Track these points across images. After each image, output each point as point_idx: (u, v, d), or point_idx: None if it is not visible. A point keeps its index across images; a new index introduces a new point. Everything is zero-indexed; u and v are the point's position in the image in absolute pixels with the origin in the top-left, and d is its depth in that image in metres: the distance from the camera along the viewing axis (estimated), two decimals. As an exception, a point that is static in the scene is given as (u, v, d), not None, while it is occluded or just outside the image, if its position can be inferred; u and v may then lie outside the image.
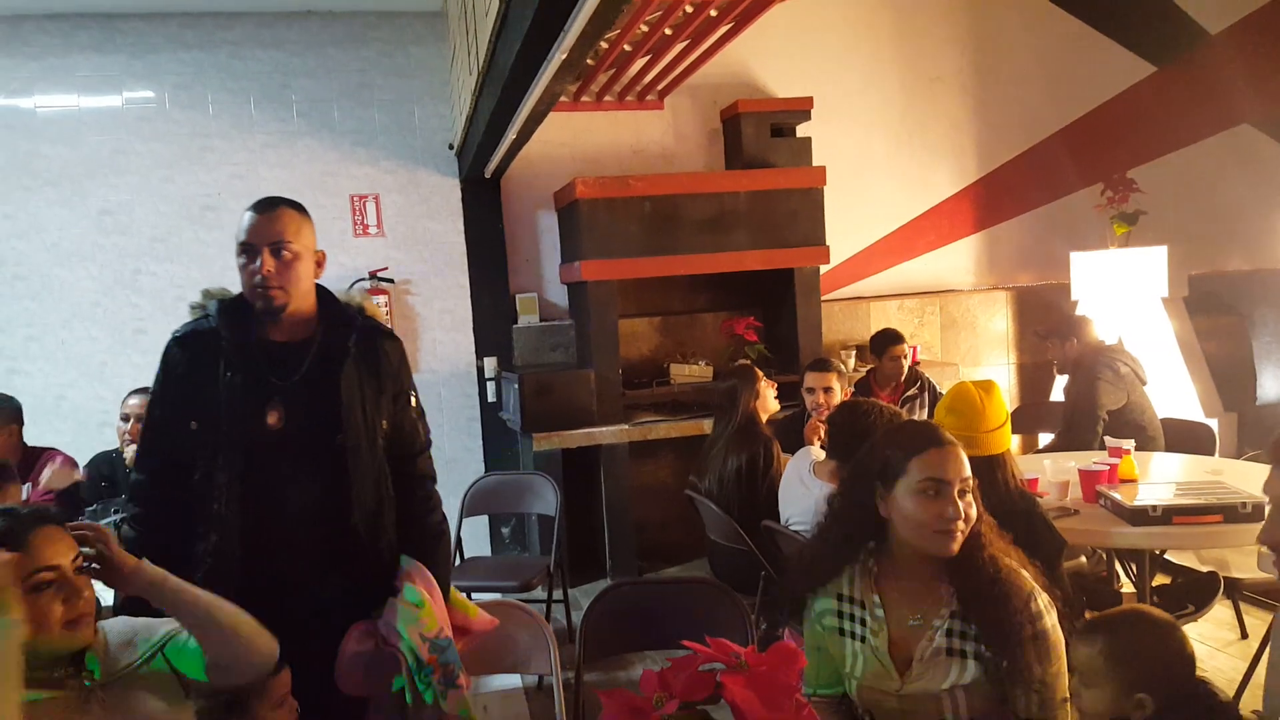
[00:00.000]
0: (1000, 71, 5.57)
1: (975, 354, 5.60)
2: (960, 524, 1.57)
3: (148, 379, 3.55)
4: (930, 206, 5.55)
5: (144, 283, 4.59)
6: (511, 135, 3.87)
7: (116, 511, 2.95)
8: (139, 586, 1.49)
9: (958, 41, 5.52)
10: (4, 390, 3.35)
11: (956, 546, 1.58)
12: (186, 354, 1.89)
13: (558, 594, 3.80)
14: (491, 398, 4.98)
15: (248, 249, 1.83)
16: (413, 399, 2.05)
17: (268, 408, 1.84)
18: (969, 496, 1.60)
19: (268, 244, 1.82)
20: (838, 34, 5.35)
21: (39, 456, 3.22)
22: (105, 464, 3.31)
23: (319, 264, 1.93)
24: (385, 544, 1.93)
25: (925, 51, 5.48)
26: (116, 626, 1.57)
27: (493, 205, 4.96)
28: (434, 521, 2.04)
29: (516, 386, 4.47)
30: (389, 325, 2.11)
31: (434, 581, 1.93)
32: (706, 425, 4.03)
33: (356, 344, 1.91)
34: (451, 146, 4.88)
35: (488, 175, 4.79)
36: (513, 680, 3.42)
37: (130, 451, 3.20)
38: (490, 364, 4.96)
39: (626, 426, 4.44)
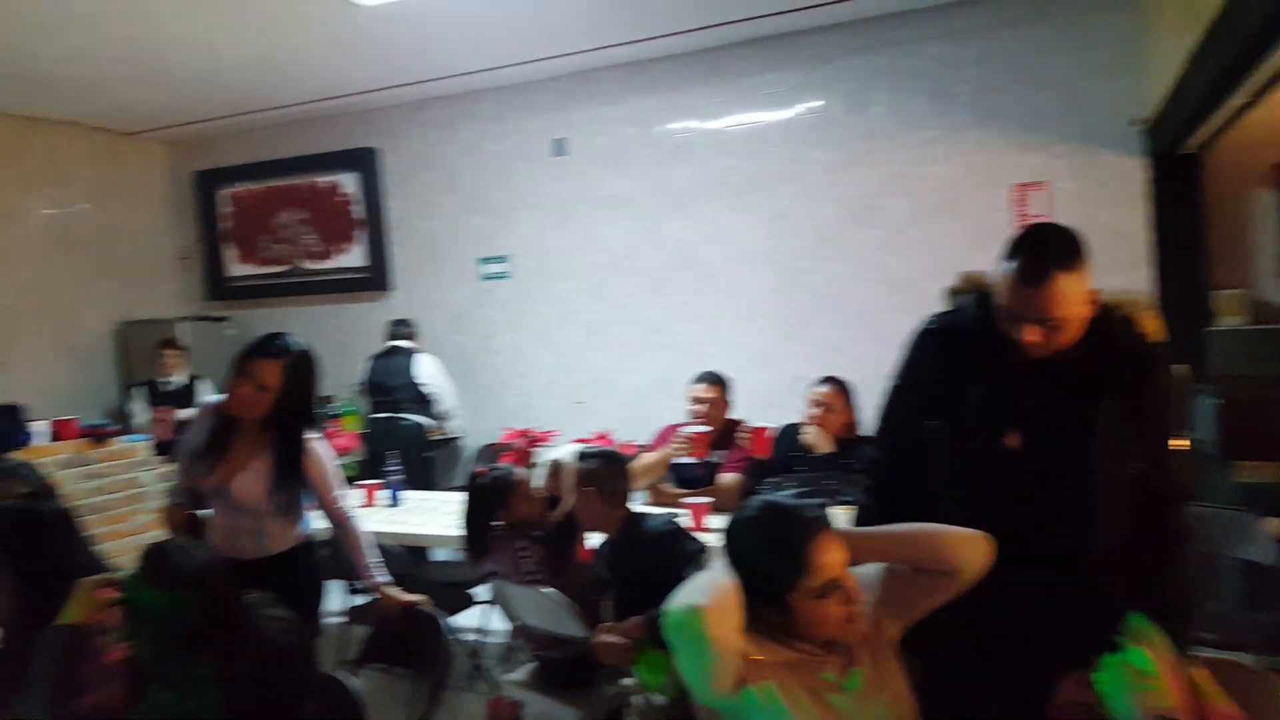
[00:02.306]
0: None
1: None
2: None
3: (810, 369, 3.78)
4: None
5: (808, 281, 4.91)
6: (1238, 100, 3.14)
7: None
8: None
9: None
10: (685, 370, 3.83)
11: None
12: (933, 347, 1.81)
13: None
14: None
15: (1013, 316, 1.64)
16: (1179, 440, 1.70)
17: (1009, 426, 1.67)
18: None
19: (1035, 320, 1.62)
20: None
21: (735, 427, 3.62)
22: (790, 436, 3.56)
23: (1091, 302, 1.67)
24: (1116, 597, 1.61)
25: None
26: None
27: (1188, 186, 4.16)
28: (1180, 590, 1.68)
29: (1214, 402, 3.64)
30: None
31: (1176, 658, 1.54)
32: None
33: (1122, 370, 1.65)
34: (1138, 121, 4.20)
35: (1184, 151, 4.01)
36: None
37: (811, 433, 3.38)
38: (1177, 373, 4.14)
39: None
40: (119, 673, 2.00)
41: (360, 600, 3.74)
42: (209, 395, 5.33)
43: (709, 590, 1.48)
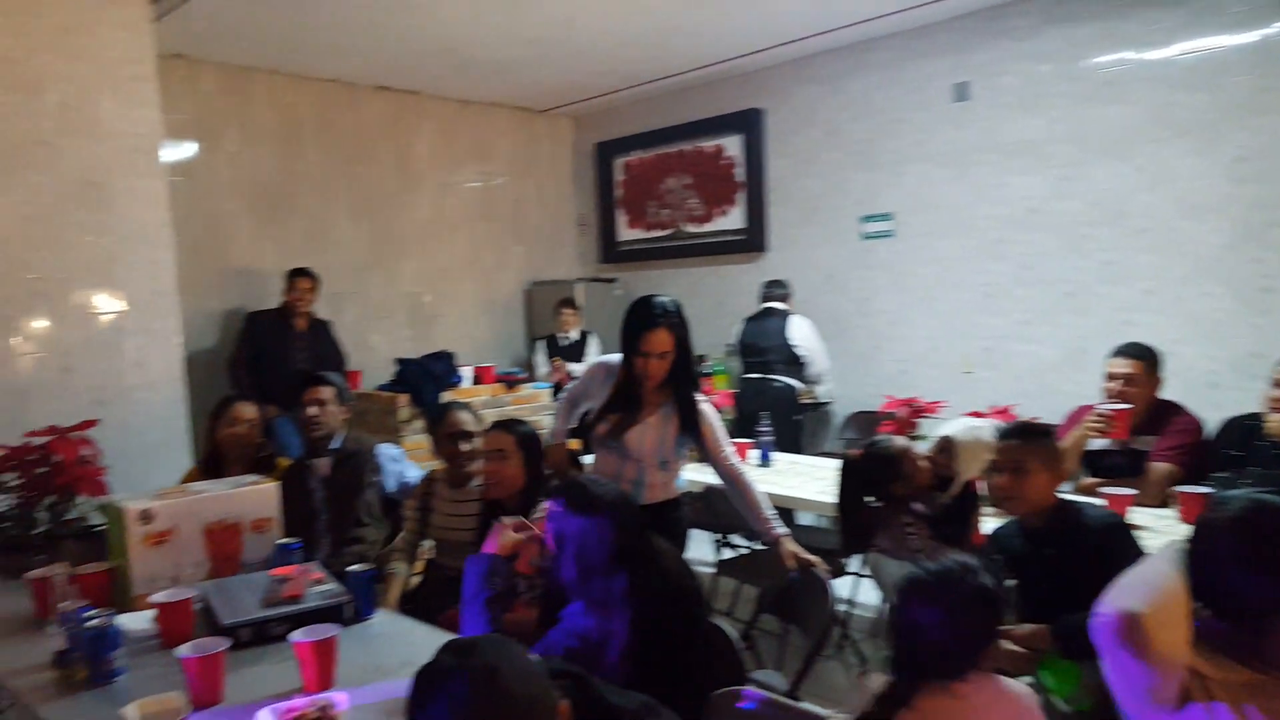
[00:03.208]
0: None
1: None
2: None
3: (1267, 343, 3.01)
4: None
5: (1275, 236, 3.95)
6: None
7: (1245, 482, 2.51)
8: None
9: None
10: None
11: None
12: None
13: None
14: None
15: None
16: None
17: None
18: None
19: None
20: None
21: (1167, 409, 3.03)
22: (1239, 430, 2.88)
23: None
24: None
25: None
26: None
27: None
28: None
29: None
30: None
31: None
32: None
33: None
34: None
35: None
36: None
37: (1276, 421, 2.71)
38: None
39: None
40: (536, 596, 2.15)
41: (728, 554, 3.73)
42: (598, 350, 5.73)
43: (1152, 593, 1.28)
